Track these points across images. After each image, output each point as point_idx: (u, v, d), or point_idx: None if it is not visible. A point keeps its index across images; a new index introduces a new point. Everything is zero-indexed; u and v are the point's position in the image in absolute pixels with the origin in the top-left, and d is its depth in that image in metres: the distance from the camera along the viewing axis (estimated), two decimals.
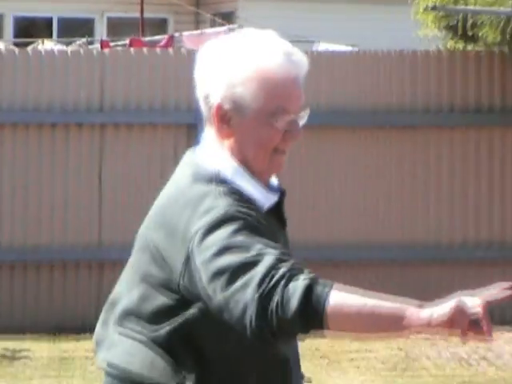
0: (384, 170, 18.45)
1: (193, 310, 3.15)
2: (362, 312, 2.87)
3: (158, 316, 3.28)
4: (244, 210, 3.19)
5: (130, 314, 3.42)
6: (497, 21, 16.81)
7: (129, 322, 3.39)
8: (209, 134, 3.37)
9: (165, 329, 3.24)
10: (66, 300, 17.96)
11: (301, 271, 2.91)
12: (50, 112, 18.52)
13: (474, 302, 2.89)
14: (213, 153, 3.34)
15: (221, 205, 3.14)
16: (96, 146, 18.44)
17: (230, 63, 3.23)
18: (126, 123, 18.68)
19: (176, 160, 3.64)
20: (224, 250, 2.97)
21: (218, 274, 2.94)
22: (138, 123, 18.84)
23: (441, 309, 2.83)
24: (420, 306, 2.80)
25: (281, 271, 2.84)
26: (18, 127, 18.23)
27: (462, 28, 17.54)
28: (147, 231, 3.34)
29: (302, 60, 3.42)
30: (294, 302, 2.76)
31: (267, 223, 3.34)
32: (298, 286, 2.78)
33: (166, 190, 3.50)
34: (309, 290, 2.78)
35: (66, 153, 18.46)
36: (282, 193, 3.53)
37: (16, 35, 31.36)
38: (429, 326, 2.81)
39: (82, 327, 16.00)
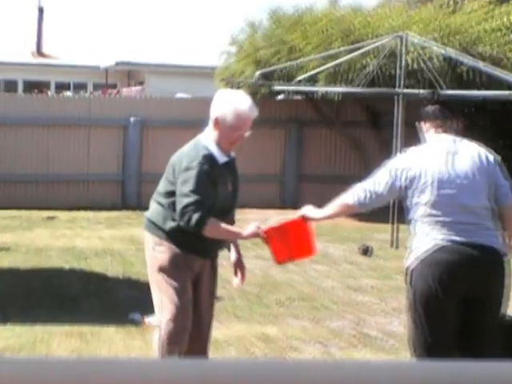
0: None
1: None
2: (219, 230, 8.14)
3: (166, 194, 8.27)
4: (204, 163, 8.01)
5: (158, 192, 8.46)
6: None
7: (156, 196, 8.45)
8: (209, 127, 8.01)
9: (167, 199, 8.25)
10: None
11: (197, 212, 7.88)
12: None
13: (267, 224, 8.60)
14: (207, 135, 8.11)
15: (194, 160, 8.01)
16: None
17: (224, 102, 7.89)
18: None
19: None
20: (184, 182, 8.04)
21: (179, 190, 8.16)
22: None
23: (250, 228, 8.15)
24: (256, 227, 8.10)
25: (191, 205, 7.89)
26: None
27: None
28: (171, 164, 8.24)
29: (254, 108, 8.03)
30: (191, 224, 7.89)
31: (219, 169, 8.10)
32: (192, 218, 7.86)
33: (182, 148, 8.40)
34: (198, 222, 7.89)
35: None
36: (232, 158, 8.38)
37: None
38: (247, 238, 8.42)
39: None
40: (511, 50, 23.81)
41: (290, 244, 9.14)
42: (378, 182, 8.68)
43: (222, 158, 8.56)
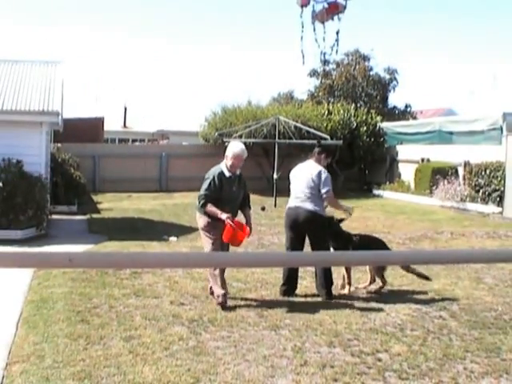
0: None
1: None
2: (211, 210, 10.13)
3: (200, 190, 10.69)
4: (215, 176, 10.18)
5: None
6: None
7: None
8: (225, 158, 10.45)
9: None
10: None
11: (203, 199, 10.20)
12: None
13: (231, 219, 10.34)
14: (223, 162, 10.43)
15: (211, 174, 10.34)
16: None
17: (230, 147, 10.30)
18: None
19: None
20: (203, 184, 10.33)
21: (201, 188, 10.45)
22: None
23: (224, 216, 9.94)
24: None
25: (202, 196, 10.28)
26: None
27: None
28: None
29: (244, 150, 10.36)
30: (200, 205, 10.28)
31: (226, 180, 10.25)
32: (200, 202, 10.24)
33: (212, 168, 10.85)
34: (202, 204, 10.24)
35: None
36: (237, 174, 10.38)
37: None
38: (222, 219, 9.98)
39: None
40: (324, 123, 31.50)
41: (230, 234, 10.13)
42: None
43: (228, 174, 10.32)
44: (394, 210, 24.05)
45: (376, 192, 30.71)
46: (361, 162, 32.86)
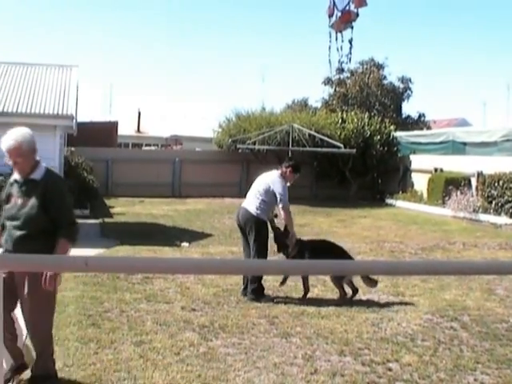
0: None
1: None
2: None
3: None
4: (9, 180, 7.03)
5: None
6: None
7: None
8: None
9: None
10: None
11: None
12: None
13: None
14: None
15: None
16: None
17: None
18: None
19: None
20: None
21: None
22: None
23: None
24: None
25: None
26: None
27: None
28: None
29: (19, 139, 6.81)
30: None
31: (14, 187, 6.60)
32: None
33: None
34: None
35: None
36: (36, 180, 6.48)
37: None
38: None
39: None
40: (338, 132, 31.49)
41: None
42: None
43: (16, 177, 6.76)
44: (407, 219, 24.01)
45: (389, 201, 30.68)
46: (374, 171, 32.68)
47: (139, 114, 54.49)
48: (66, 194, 6.66)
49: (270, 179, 11.15)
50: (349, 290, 11.17)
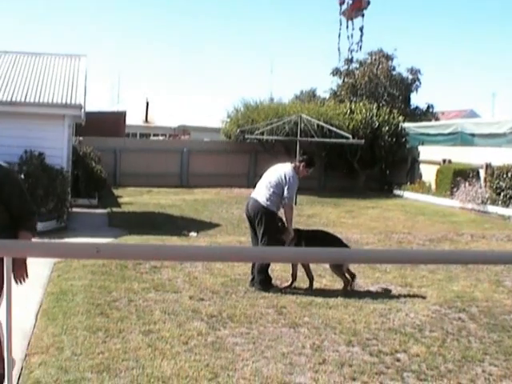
0: None
1: None
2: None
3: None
4: None
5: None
6: None
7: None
8: None
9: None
10: None
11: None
12: None
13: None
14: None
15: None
16: None
17: None
18: None
19: None
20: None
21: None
22: None
23: None
24: None
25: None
26: None
27: None
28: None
29: None
30: None
31: None
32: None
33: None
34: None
35: None
36: None
37: None
38: None
39: None
40: (346, 122, 31.60)
41: None
42: None
43: None
44: (415, 210, 24.02)
45: (396, 192, 30.64)
46: (382, 162, 32.67)
47: (147, 104, 54.38)
48: (23, 185, 6.31)
49: (282, 172, 11.08)
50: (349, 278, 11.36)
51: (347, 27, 5.65)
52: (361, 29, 5.59)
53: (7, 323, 2.75)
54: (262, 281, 11.09)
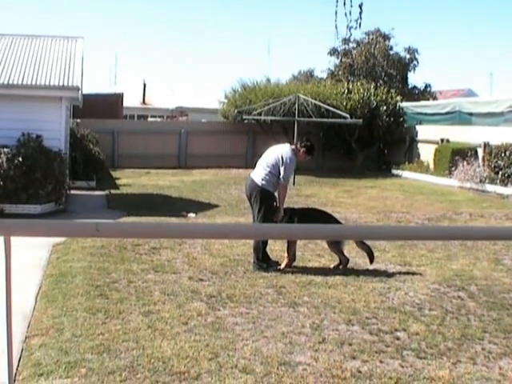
0: None
1: None
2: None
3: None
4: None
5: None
6: None
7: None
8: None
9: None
10: None
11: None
12: None
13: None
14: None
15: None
16: None
17: None
18: None
19: None
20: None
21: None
22: None
23: None
24: None
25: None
26: None
27: None
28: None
29: None
30: None
31: None
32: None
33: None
34: None
35: None
36: None
37: None
38: None
39: None
40: (344, 102, 31.34)
41: None
42: None
43: None
44: (413, 190, 24.07)
45: (395, 172, 30.68)
46: (380, 142, 32.65)
47: (144, 85, 54.29)
48: None
49: (281, 153, 11.10)
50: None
51: (344, 4, 5.65)
52: (360, 5, 5.58)
53: (7, 305, 2.73)
54: (258, 259, 11.09)
